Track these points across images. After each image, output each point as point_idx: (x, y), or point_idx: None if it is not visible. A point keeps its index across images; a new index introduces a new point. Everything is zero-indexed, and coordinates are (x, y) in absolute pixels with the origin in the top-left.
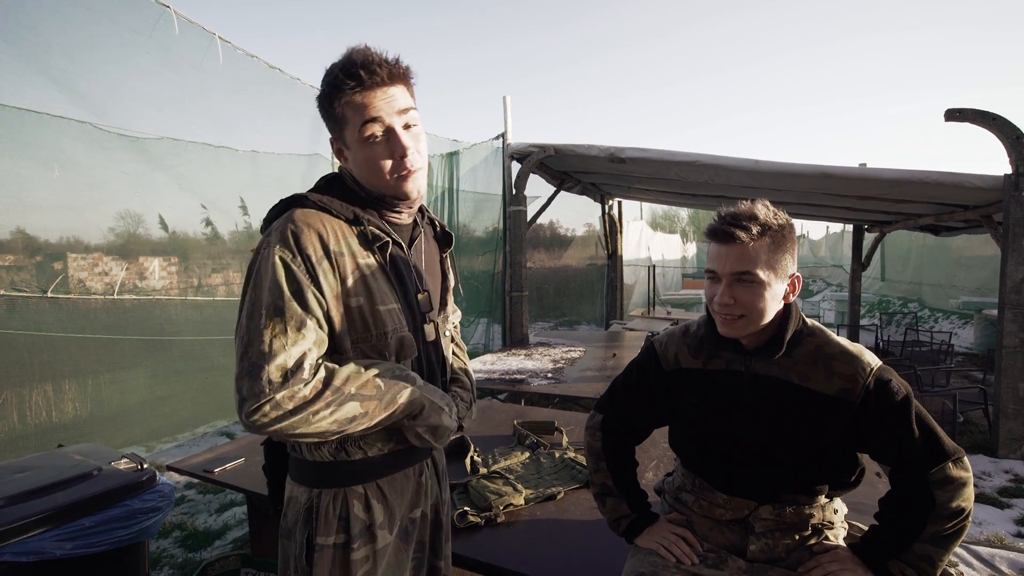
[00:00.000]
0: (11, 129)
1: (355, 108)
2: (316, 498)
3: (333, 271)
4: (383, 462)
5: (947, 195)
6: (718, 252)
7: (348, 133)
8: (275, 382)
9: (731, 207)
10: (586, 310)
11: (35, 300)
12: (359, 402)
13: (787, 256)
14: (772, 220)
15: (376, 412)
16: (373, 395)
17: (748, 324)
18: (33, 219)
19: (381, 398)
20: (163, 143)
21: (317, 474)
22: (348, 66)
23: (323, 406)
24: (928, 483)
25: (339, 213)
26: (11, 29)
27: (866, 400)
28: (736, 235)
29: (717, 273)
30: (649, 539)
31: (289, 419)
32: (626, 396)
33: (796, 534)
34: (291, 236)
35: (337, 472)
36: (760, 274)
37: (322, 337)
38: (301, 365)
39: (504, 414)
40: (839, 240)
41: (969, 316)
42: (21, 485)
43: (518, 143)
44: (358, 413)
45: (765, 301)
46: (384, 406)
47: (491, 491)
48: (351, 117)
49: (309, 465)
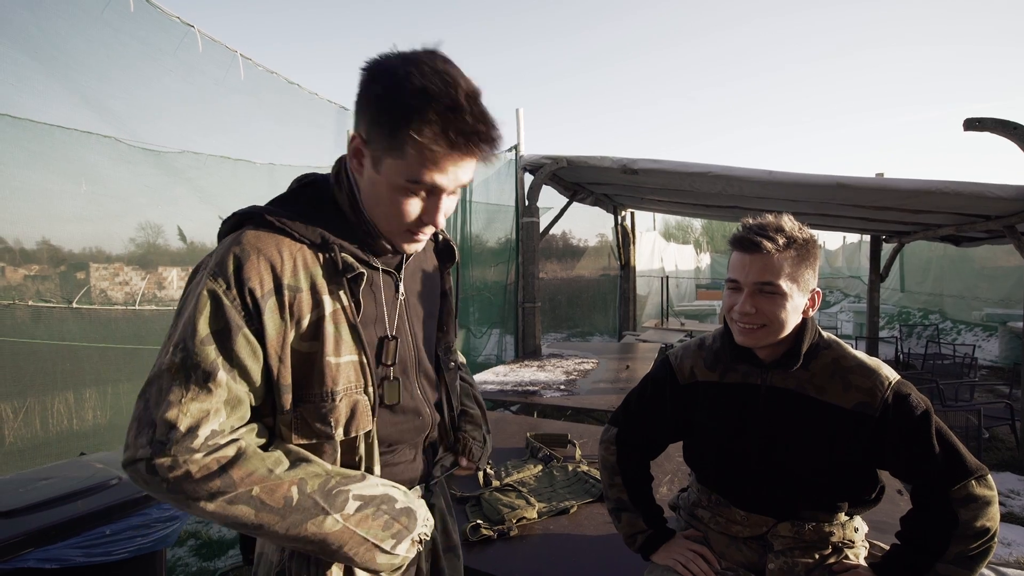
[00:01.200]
0: (42, 144)
1: (426, 160)
2: (287, 560)
3: (282, 309)
4: None
5: (967, 205)
6: (742, 261)
7: (391, 164)
8: (158, 441)
9: (757, 218)
10: (599, 321)
11: (59, 310)
12: (254, 509)
13: (810, 270)
14: (798, 233)
15: (274, 528)
16: (277, 507)
17: (767, 335)
18: (58, 230)
19: (285, 516)
20: (184, 156)
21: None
22: (455, 114)
23: (205, 494)
24: (950, 501)
25: (302, 236)
26: (44, 50)
27: (884, 414)
28: (762, 244)
29: (739, 282)
30: (666, 556)
31: (163, 490)
32: (641, 410)
33: (816, 552)
34: (231, 264)
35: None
36: (783, 285)
37: (237, 395)
38: (195, 432)
39: (517, 426)
40: (856, 251)
41: (993, 328)
42: (45, 493)
43: (531, 155)
44: (249, 522)
45: (786, 312)
46: (286, 527)
47: (504, 504)
48: (412, 155)
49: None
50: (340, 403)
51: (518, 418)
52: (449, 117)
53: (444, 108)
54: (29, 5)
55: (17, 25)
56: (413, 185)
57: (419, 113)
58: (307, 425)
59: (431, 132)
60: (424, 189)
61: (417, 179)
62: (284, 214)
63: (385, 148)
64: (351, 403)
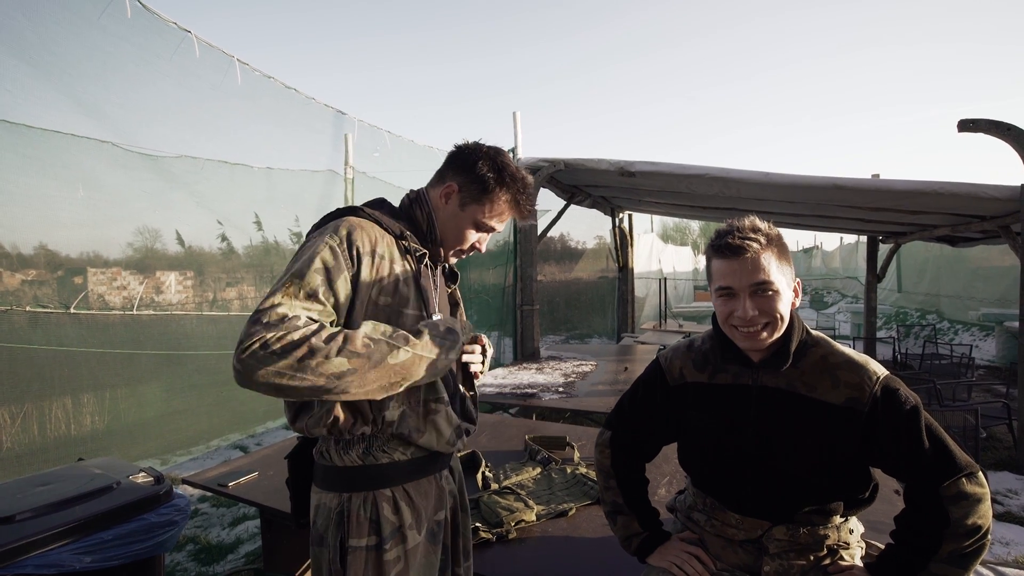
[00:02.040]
0: (38, 150)
1: (500, 210)
2: (346, 502)
3: (372, 268)
4: (409, 466)
5: (963, 206)
6: (730, 268)
7: (473, 208)
8: (271, 323)
9: (729, 224)
10: (597, 323)
11: (56, 315)
12: (347, 358)
13: (788, 263)
14: (771, 231)
15: (366, 370)
16: (362, 353)
17: (772, 333)
18: (55, 235)
19: (370, 357)
20: (181, 161)
21: (346, 479)
22: (527, 198)
23: (308, 352)
24: (941, 499)
25: (388, 227)
26: (41, 56)
27: (874, 409)
28: (748, 247)
29: (733, 288)
30: (661, 558)
31: (275, 361)
32: (633, 412)
33: (811, 555)
34: (345, 231)
35: (365, 476)
36: (775, 283)
37: (328, 315)
38: (299, 316)
39: (515, 429)
40: (853, 251)
41: (990, 328)
42: (44, 498)
43: (528, 157)
44: (346, 369)
45: (783, 308)
46: (373, 365)
47: (502, 507)
48: (492, 208)
49: (337, 470)
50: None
51: (516, 420)
52: (519, 193)
53: (518, 189)
54: (26, 11)
55: (14, 31)
56: (481, 224)
57: (506, 187)
58: None
59: (506, 199)
60: (485, 229)
61: (486, 223)
62: (375, 212)
63: (473, 198)
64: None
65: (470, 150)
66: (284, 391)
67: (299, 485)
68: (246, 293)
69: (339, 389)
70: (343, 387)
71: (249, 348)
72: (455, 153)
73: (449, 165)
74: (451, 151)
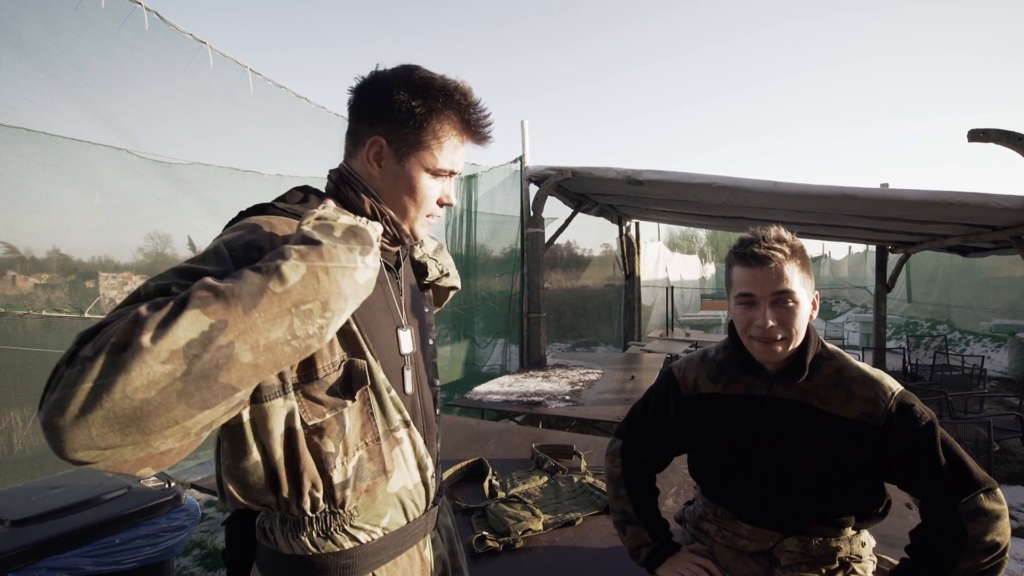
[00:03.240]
0: (56, 157)
1: (451, 142)
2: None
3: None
4: (380, 546)
5: (973, 216)
6: (753, 276)
7: (420, 155)
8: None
9: (754, 232)
10: (604, 331)
11: (69, 319)
12: (199, 309)
13: (810, 275)
14: (795, 241)
15: (241, 316)
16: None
17: (788, 345)
18: (69, 240)
19: (236, 294)
20: (193, 168)
21: (297, 571)
22: (471, 107)
23: (128, 330)
24: (959, 515)
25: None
26: (61, 67)
27: (888, 425)
28: (773, 256)
29: (755, 296)
30: (671, 570)
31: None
32: (645, 422)
33: (823, 567)
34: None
35: (321, 568)
36: (797, 293)
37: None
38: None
39: (522, 437)
40: (862, 261)
41: (1002, 339)
42: (56, 502)
43: (536, 166)
44: (208, 326)
45: (801, 320)
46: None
47: (509, 516)
48: (439, 144)
49: (285, 560)
50: (339, 369)
51: (523, 429)
52: (463, 109)
53: (459, 104)
54: (48, 24)
55: (36, 43)
56: (437, 171)
57: (442, 109)
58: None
59: (451, 124)
60: (444, 175)
61: (441, 167)
62: (292, 206)
63: (410, 144)
64: (346, 366)
65: (374, 86)
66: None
67: (239, 564)
68: None
69: (219, 363)
70: (223, 358)
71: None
72: (357, 98)
73: (359, 118)
74: (350, 99)
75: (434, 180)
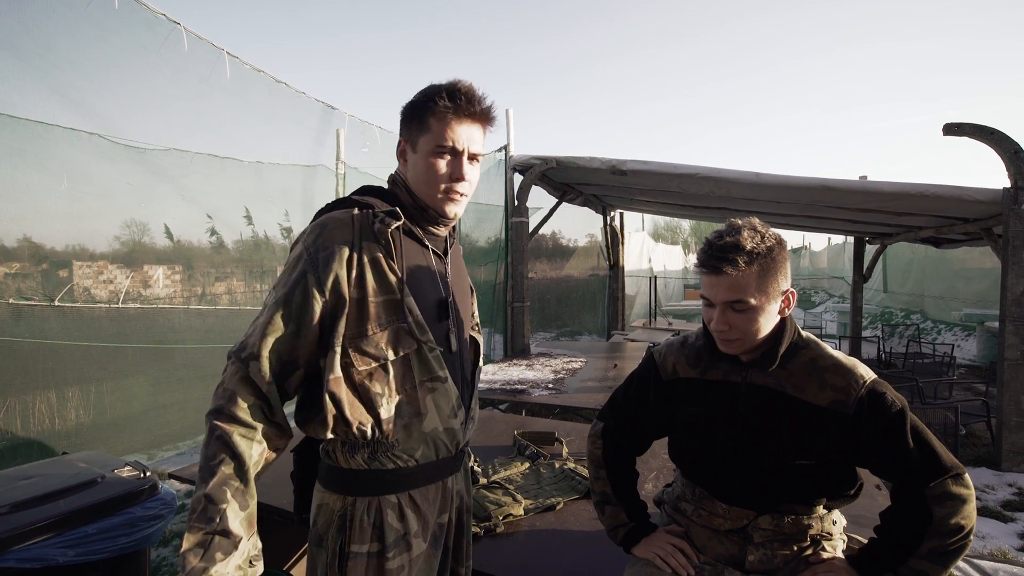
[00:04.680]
0: (23, 141)
1: (441, 124)
2: (350, 506)
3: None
4: (417, 473)
5: (947, 208)
6: (709, 281)
7: (423, 140)
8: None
9: (719, 233)
10: (587, 321)
11: (40, 308)
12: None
13: (778, 277)
14: (760, 246)
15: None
16: (202, 458)
17: (744, 343)
18: (40, 227)
19: (200, 470)
20: (170, 155)
21: (351, 482)
22: (453, 90)
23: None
24: (925, 498)
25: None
26: (27, 47)
27: (859, 412)
28: (725, 269)
29: (710, 299)
30: (646, 549)
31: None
32: (626, 405)
33: (795, 544)
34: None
35: (372, 480)
36: (751, 301)
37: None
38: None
39: (504, 424)
40: (840, 252)
41: (972, 328)
42: (26, 492)
43: (520, 155)
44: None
45: (759, 323)
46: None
47: (491, 501)
48: (434, 128)
49: (343, 473)
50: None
51: (506, 416)
52: (453, 94)
53: (447, 92)
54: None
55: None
56: (439, 149)
57: (432, 100)
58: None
59: (442, 105)
60: (448, 152)
61: (441, 143)
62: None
63: (417, 133)
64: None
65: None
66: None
67: (303, 481)
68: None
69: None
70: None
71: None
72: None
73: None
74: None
75: (440, 159)
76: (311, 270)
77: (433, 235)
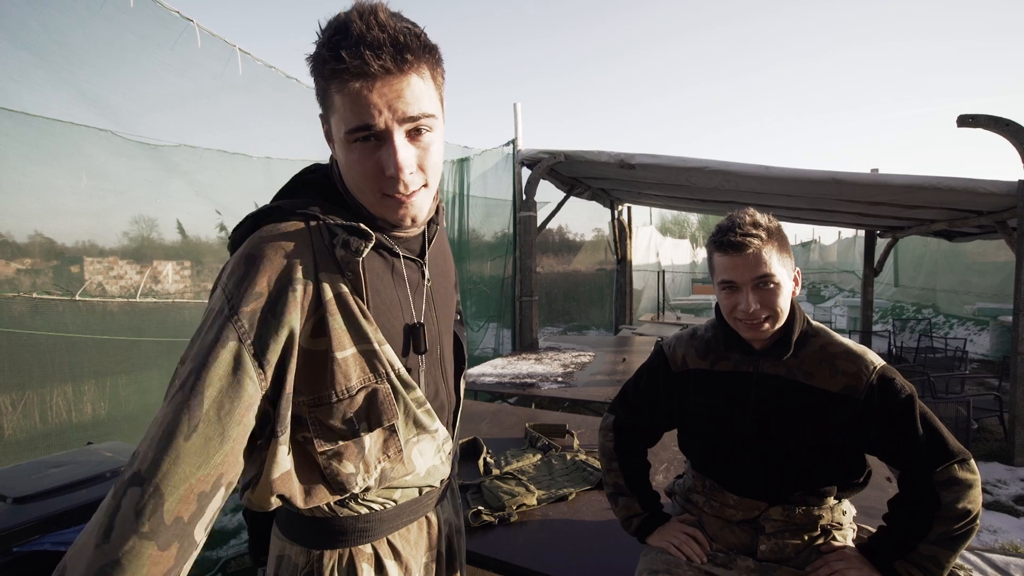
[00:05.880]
0: (39, 138)
1: (343, 96)
2: (316, 560)
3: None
4: (395, 515)
5: (960, 201)
6: (732, 263)
7: (334, 122)
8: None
9: (730, 219)
10: (595, 315)
11: (56, 303)
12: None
13: (789, 253)
14: (771, 223)
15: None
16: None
17: (775, 323)
18: (51, 223)
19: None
20: (181, 150)
21: (316, 532)
22: (340, 39)
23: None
24: (933, 483)
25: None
26: (43, 44)
27: (870, 397)
28: (749, 243)
29: (735, 282)
30: (660, 538)
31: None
32: (637, 398)
33: (805, 534)
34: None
35: (341, 529)
36: (777, 275)
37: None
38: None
39: (515, 417)
40: (850, 245)
41: (985, 322)
42: (58, 480)
43: (528, 149)
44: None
45: (784, 300)
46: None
47: (504, 491)
48: (337, 104)
49: (305, 521)
50: (357, 396)
51: (516, 409)
52: (335, 40)
53: (329, 36)
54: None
55: (16, 19)
56: (355, 134)
57: (318, 55)
58: (327, 428)
59: (330, 66)
60: (368, 135)
61: (351, 127)
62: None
63: (326, 111)
64: (368, 394)
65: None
66: None
67: (259, 519)
68: None
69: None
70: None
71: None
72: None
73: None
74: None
75: (361, 149)
76: (240, 334)
77: (404, 238)
